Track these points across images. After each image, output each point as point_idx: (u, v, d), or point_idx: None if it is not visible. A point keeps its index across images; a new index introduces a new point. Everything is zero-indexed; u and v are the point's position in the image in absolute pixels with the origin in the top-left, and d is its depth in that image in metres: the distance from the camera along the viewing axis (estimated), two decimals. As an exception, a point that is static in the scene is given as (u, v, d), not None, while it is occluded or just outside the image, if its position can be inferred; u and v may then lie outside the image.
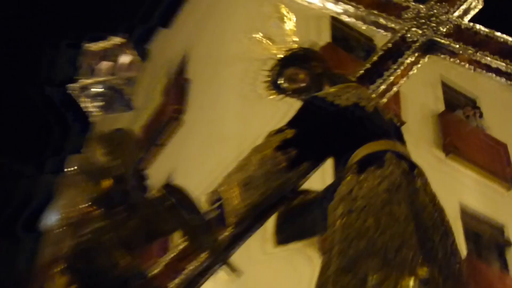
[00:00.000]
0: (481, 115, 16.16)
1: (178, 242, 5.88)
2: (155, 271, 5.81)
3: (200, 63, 16.32)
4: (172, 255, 5.78)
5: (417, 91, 14.91)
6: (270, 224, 5.01)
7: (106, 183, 4.49)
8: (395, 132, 4.75)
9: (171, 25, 18.56)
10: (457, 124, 15.73)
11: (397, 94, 12.62)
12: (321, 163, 4.96)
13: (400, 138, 4.81)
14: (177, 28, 18.28)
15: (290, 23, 5.83)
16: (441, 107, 15.62)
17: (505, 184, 14.47)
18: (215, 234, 5.16)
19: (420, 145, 13.63)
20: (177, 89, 15.93)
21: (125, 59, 5.07)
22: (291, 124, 4.89)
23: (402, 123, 13.68)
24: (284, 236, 4.90)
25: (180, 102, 15.36)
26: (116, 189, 4.50)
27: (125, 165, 4.55)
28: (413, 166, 4.49)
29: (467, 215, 13.72)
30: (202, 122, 14.20)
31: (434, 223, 4.45)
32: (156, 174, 10.18)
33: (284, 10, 5.95)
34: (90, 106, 5.52)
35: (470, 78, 15.39)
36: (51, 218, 4.87)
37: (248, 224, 4.93)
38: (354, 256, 4.15)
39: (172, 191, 4.83)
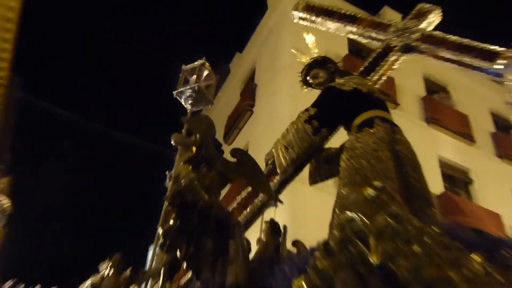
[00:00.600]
0: (449, 97, 17.23)
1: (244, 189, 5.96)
2: (232, 208, 5.85)
3: (263, 72, 17.04)
4: (242, 196, 5.84)
5: (407, 81, 15.44)
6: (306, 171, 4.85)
7: (193, 150, 4.40)
8: (381, 105, 4.76)
9: (244, 50, 19.53)
10: (435, 103, 16.30)
11: (392, 83, 12.70)
12: (335, 129, 4.91)
13: (385, 108, 4.79)
14: (247, 51, 19.33)
15: (312, 41, 5.77)
16: (423, 92, 16.30)
17: (468, 142, 15.38)
18: (269, 180, 5.06)
19: (410, 118, 14.43)
20: (249, 90, 16.73)
21: (205, 73, 4.80)
22: (313, 105, 4.91)
23: (397, 104, 13.56)
24: (315, 179, 4.77)
25: (251, 99, 16.08)
26: (198, 154, 4.33)
27: (201, 137, 4.40)
28: (394, 125, 4.52)
29: (443, 163, 14.38)
30: (265, 111, 14.86)
31: (408, 162, 4.36)
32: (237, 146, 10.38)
33: (309, 34, 5.87)
34: (186, 104, 5.09)
35: (443, 73, 16.80)
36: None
37: (290, 172, 4.85)
38: (353, 185, 3.91)
39: (236, 152, 4.73)
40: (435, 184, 12.71)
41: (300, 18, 6.52)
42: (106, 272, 4.31)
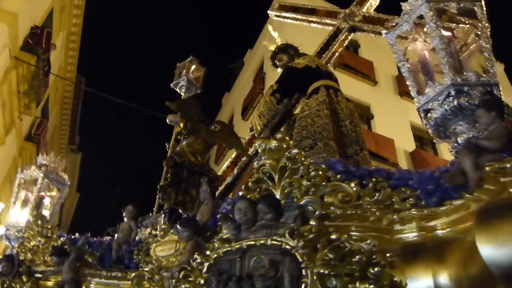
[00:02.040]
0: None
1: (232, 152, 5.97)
2: (224, 167, 5.81)
3: (269, 62, 15.34)
4: (232, 157, 5.58)
5: (383, 64, 16.12)
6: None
7: (181, 124, 4.60)
8: (328, 76, 4.65)
9: (254, 46, 20.27)
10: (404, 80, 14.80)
11: (372, 66, 12.77)
12: (293, 97, 5.08)
13: (330, 78, 4.60)
14: (257, 47, 19.86)
15: (277, 35, 6.06)
16: (396, 72, 15.99)
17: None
18: (253, 143, 5.28)
19: (386, 93, 15.42)
20: (259, 77, 17.10)
21: (193, 67, 4.95)
22: (276, 81, 4.89)
23: (376, 82, 13.72)
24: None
25: (262, 84, 16.32)
26: (185, 127, 4.48)
27: (185, 115, 4.53)
28: (337, 90, 4.40)
29: (414, 127, 14.62)
30: None
31: (345, 117, 4.53)
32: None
33: (274, 31, 6.26)
34: (181, 92, 5.23)
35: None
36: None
37: (267, 135, 4.90)
38: (300, 138, 4.28)
39: (217, 123, 4.84)
40: (409, 144, 13.12)
41: (276, 15, 6.80)
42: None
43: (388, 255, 1.93)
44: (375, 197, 2.30)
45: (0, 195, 13.41)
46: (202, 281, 2.09)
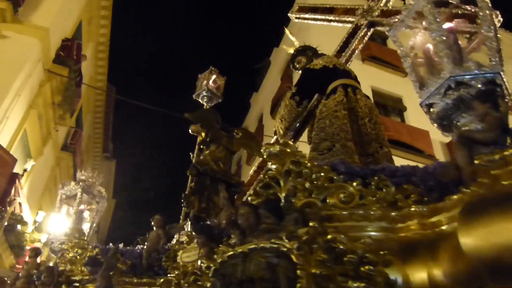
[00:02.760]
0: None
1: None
2: (251, 172, 5.87)
3: None
4: (258, 162, 5.70)
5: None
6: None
7: (203, 133, 4.78)
8: (346, 74, 4.74)
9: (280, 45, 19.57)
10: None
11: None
12: (313, 99, 5.00)
13: (349, 77, 4.78)
14: (282, 46, 17.73)
15: (294, 38, 6.15)
16: None
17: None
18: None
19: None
20: (287, 75, 17.18)
21: (213, 77, 5.07)
22: (295, 84, 5.23)
23: (407, 73, 13.72)
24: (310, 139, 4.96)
25: (289, 82, 16.08)
26: (207, 136, 4.66)
27: (207, 125, 4.70)
28: (355, 88, 4.48)
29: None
30: None
31: (364, 115, 4.51)
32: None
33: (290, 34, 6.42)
34: (203, 102, 5.34)
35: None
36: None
37: (291, 137, 4.98)
38: (318, 140, 4.28)
39: (239, 130, 4.94)
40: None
41: (296, 17, 6.91)
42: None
43: (382, 253, 1.96)
44: (377, 196, 2.31)
45: (41, 204, 14.16)
46: (208, 285, 2.23)
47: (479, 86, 2.50)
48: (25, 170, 12.01)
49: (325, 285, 1.82)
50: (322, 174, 2.42)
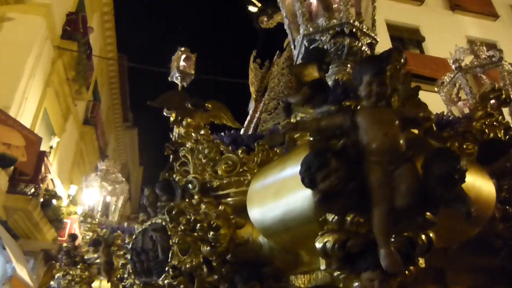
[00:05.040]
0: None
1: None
2: None
3: None
4: None
5: None
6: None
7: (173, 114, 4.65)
8: None
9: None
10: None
11: None
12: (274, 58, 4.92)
13: None
14: None
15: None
16: None
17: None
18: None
19: (435, 10, 15.18)
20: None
21: (183, 56, 5.07)
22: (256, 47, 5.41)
23: (422, 1, 13.79)
24: None
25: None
26: (177, 116, 4.53)
27: (171, 105, 4.61)
28: None
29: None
30: None
31: None
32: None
33: None
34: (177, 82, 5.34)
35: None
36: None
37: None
38: (268, 101, 4.17)
39: (209, 102, 4.75)
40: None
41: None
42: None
43: (231, 217, 2.07)
44: (256, 161, 2.28)
45: (72, 178, 14.86)
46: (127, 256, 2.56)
47: (328, 40, 2.36)
48: (51, 147, 12.61)
49: (185, 252, 2.05)
50: (214, 148, 2.50)
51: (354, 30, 2.35)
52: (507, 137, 2.10)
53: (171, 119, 4.62)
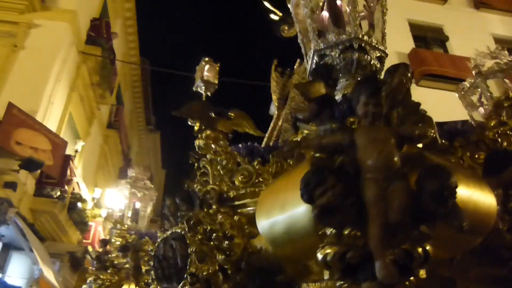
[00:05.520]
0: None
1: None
2: None
3: None
4: None
5: None
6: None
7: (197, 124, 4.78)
8: None
9: None
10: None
11: None
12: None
13: None
14: None
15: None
16: None
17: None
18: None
19: (459, 9, 14.88)
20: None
21: (207, 67, 5.10)
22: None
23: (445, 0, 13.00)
24: None
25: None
26: (201, 126, 4.61)
27: (196, 116, 4.64)
28: None
29: (498, 40, 13.45)
30: None
31: None
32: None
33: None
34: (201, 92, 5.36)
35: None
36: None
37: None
38: (289, 110, 4.20)
39: (232, 111, 4.88)
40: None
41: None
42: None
43: (245, 227, 2.16)
44: (271, 172, 2.32)
45: (97, 181, 15.13)
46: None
47: (337, 55, 2.36)
48: (76, 151, 12.89)
49: (203, 259, 2.13)
50: (231, 159, 2.55)
51: (363, 44, 2.36)
52: None
53: (195, 128, 4.63)
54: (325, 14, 2.64)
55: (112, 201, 12.85)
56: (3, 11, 11.15)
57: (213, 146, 2.70)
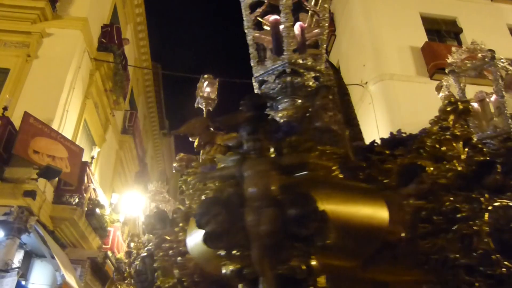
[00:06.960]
0: None
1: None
2: None
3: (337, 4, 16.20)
4: None
5: None
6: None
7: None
8: None
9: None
10: None
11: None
12: None
13: None
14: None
15: None
16: None
17: None
18: None
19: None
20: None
21: (206, 83, 5.20)
22: None
23: None
24: None
25: (332, 26, 15.92)
26: (200, 142, 4.78)
27: (195, 133, 4.74)
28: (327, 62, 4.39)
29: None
30: (344, 32, 15.57)
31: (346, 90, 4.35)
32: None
33: None
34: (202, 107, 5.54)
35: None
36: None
37: None
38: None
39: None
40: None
41: None
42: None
43: None
44: None
45: (113, 187, 15.27)
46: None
47: (276, 81, 2.48)
48: (92, 158, 13.04)
49: (165, 273, 2.37)
50: (198, 180, 2.59)
51: (296, 68, 2.47)
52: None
53: (195, 144, 4.72)
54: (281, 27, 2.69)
55: (129, 206, 13.05)
56: (15, 21, 11.38)
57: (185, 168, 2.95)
